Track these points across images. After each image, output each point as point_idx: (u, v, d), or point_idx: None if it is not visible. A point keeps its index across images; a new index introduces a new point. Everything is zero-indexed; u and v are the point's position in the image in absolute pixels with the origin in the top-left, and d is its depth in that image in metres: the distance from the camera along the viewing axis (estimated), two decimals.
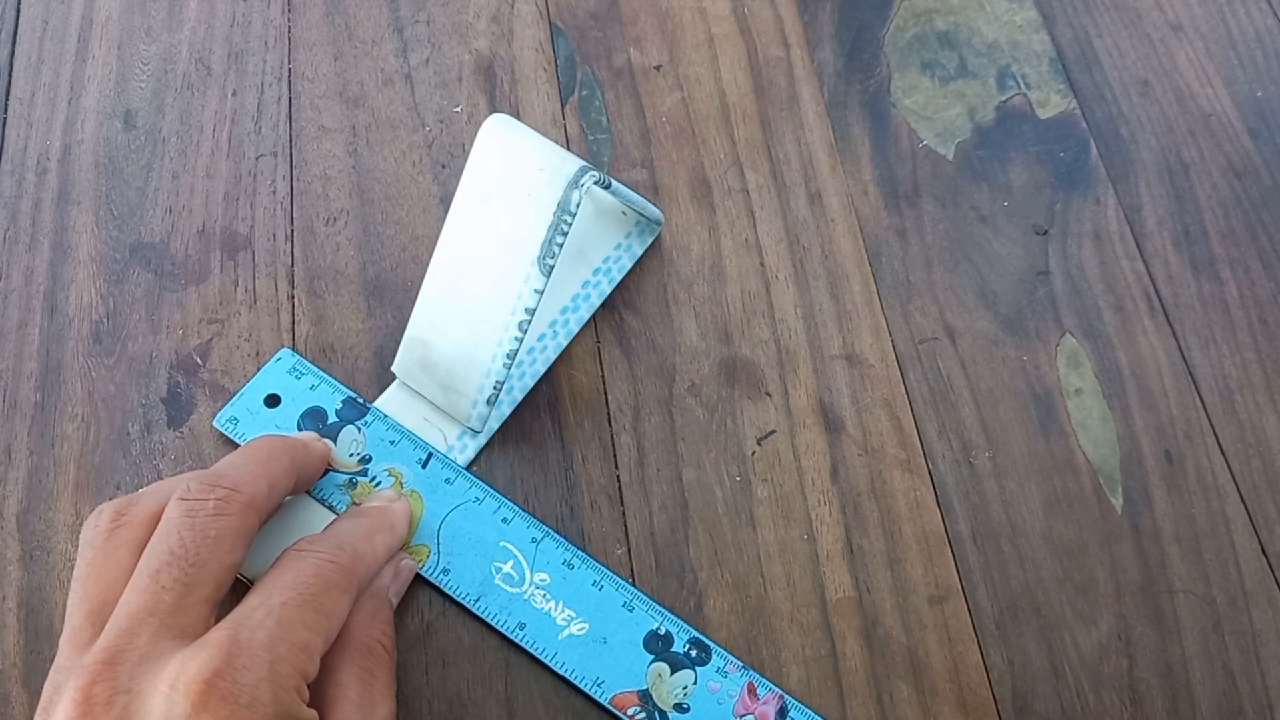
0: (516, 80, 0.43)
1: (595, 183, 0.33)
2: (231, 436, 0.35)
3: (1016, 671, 0.33)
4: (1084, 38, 0.45)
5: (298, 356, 0.36)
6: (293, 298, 0.38)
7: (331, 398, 0.35)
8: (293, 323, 0.38)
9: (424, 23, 0.44)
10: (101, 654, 0.25)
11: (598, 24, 0.45)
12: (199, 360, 0.37)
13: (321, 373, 0.36)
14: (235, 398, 0.35)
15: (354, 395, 0.35)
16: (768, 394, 0.37)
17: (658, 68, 0.44)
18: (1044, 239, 0.40)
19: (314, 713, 0.26)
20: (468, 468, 0.35)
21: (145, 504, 0.29)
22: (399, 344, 0.36)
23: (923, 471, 0.36)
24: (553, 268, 0.32)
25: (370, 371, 0.37)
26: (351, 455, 0.34)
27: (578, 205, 0.32)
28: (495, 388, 0.34)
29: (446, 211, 0.34)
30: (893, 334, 0.38)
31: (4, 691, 0.32)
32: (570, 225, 0.32)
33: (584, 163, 0.32)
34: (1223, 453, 0.36)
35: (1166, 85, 0.44)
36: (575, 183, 0.32)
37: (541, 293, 0.33)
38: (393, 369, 0.36)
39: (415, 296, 0.35)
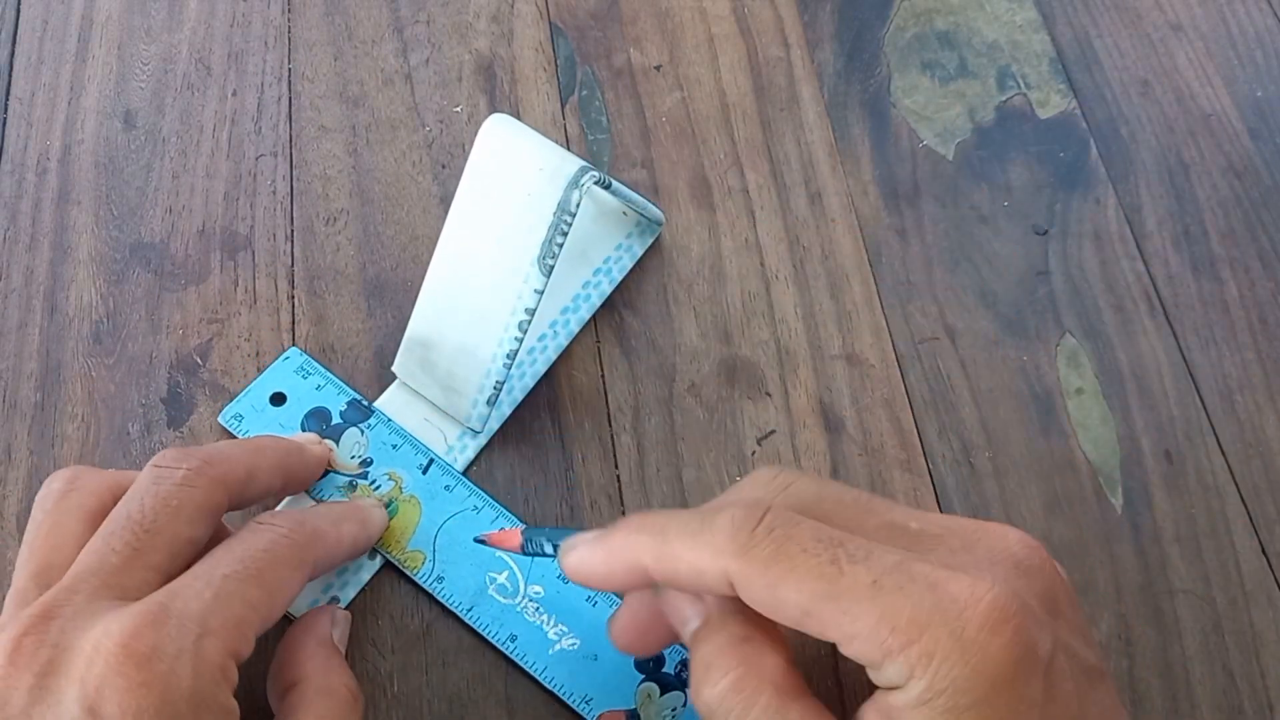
0: (516, 80, 0.43)
1: (595, 183, 0.33)
2: (235, 433, 0.35)
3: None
4: (1084, 38, 0.45)
5: (305, 356, 0.36)
6: (293, 298, 0.38)
7: (337, 399, 0.35)
8: (293, 323, 0.38)
9: (424, 23, 0.44)
10: (39, 608, 0.25)
11: (598, 24, 0.45)
12: (199, 360, 0.37)
13: (328, 373, 0.36)
14: (241, 395, 0.35)
15: (359, 397, 0.35)
16: (768, 394, 0.37)
17: (658, 68, 0.44)
18: (1044, 239, 0.40)
19: (234, 704, 0.25)
20: (468, 468, 0.35)
21: (103, 476, 0.29)
22: (399, 344, 0.36)
23: (923, 471, 0.36)
24: (553, 268, 0.32)
25: (370, 371, 0.37)
26: (353, 457, 0.34)
27: (578, 205, 0.32)
28: (495, 388, 0.34)
29: (446, 211, 0.34)
30: (893, 334, 0.38)
31: None
32: (570, 225, 0.32)
33: (584, 163, 0.32)
34: (1223, 453, 0.36)
35: (1166, 85, 0.44)
36: (575, 183, 0.32)
37: (542, 293, 0.33)
38: (393, 369, 0.36)
39: (415, 296, 0.35)
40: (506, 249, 0.33)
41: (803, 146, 0.42)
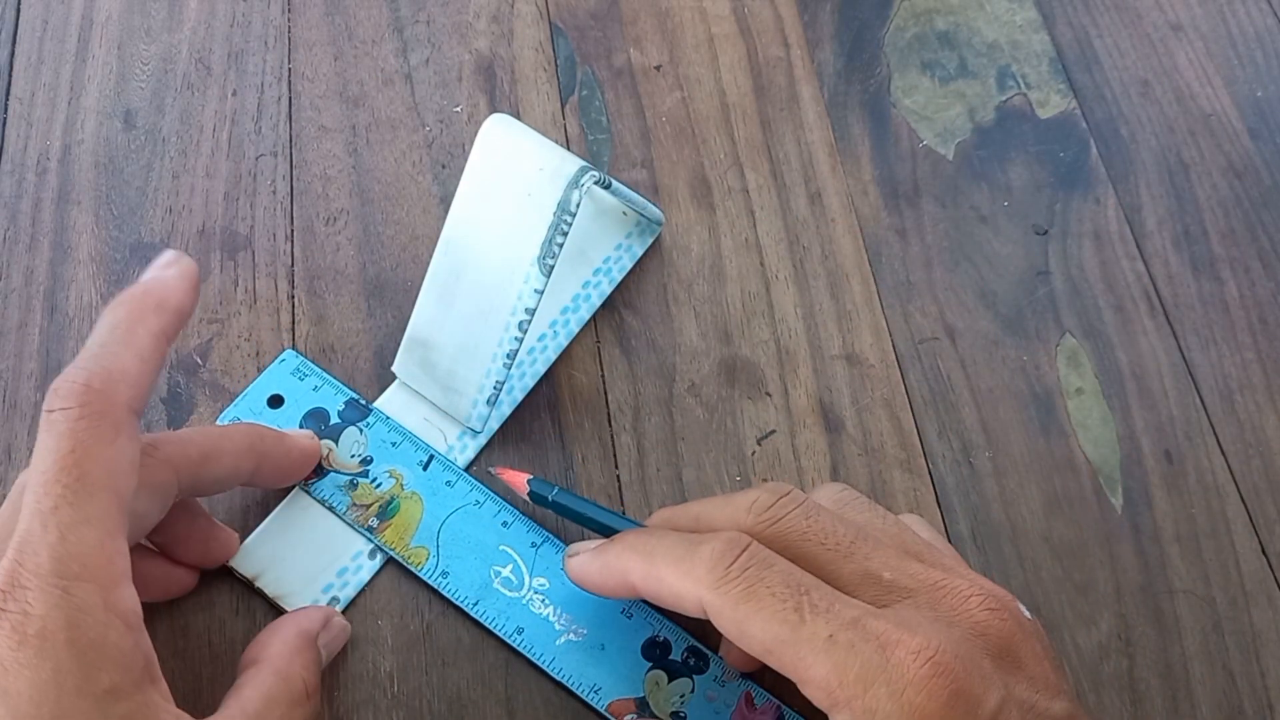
0: (516, 80, 0.43)
1: (595, 183, 0.33)
2: None
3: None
4: (1084, 38, 0.45)
5: (301, 357, 0.36)
6: (293, 298, 0.38)
7: (334, 399, 0.35)
8: (293, 323, 0.38)
9: (424, 23, 0.44)
10: None
11: (598, 24, 0.45)
12: (199, 360, 0.37)
13: (325, 374, 0.36)
14: (239, 399, 0.35)
15: (356, 397, 0.35)
16: (768, 394, 0.37)
17: (658, 68, 0.44)
18: (1044, 239, 0.40)
19: (133, 638, 0.24)
20: (468, 468, 0.35)
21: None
22: (399, 344, 0.36)
23: (923, 471, 0.36)
24: (553, 268, 0.32)
25: (370, 371, 0.37)
26: (353, 457, 0.34)
27: (578, 205, 0.32)
28: (495, 388, 0.34)
29: (446, 211, 0.34)
30: (893, 334, 0.38)
31: None
32: (570, 225, 0.32)
33: (584, 163, 0.32)
34: (1223, 453, 0.36)
35: (1166, 85, 0.44)
36: (575, 183, 0.32)
37: (542, 293, 0.33)
38: (393, 369, 0.36)
39: (415, 296, 0.35)
40: (507, 249, 0.33)
41: (803, 146, 0.42)
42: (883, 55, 0.44)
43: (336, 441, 0.35)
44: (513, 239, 0.33)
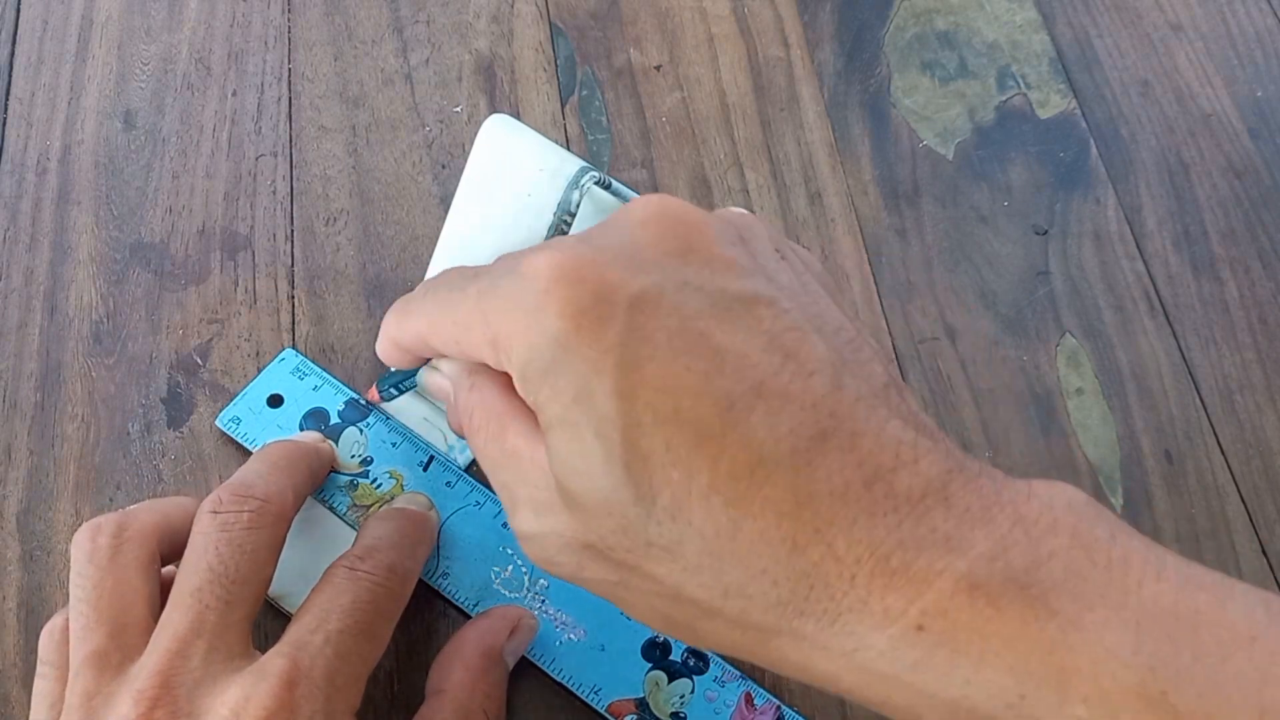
0: (516, 80, 0.43)
1: (595, 183, 0.33)
2: (234, 436, 0.35)
3: None
4: (1084, 38, 0.45)
5: (301, 357, 0.36)
6: (293, 298, 0.38)
7: (334, 399, 0.35)
8: (293, 323, 0.38)
9: (424, 23, 0.44)
10: (155, 677, 0.25)
11: (598, 24, 0.45)
12: (199, 360, 0.37)
13: (325, 373, 0.36)
14: (238, 398, 0.35)
15: (356, 396, 0.35)
16: None
17: (658, 68, 0.44)
18: (1044, 239, 0.40)
19: None
20: (468, 469, 0.35)
21: (144, 519, 0.28)
22: None
23: None
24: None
25: (370, 371, 0.37)
26: (353, 457, 0.34)
27: (578, 205, 0.32)
28: None
29: (446, 211, 0.34)
30: (893, 334, 0.38)
31: (4, 691, 0.32)
32: (570, 225, 0.32)
33: (584, 163, 0.32)
34: (1223, 453, 0.36)
35: (1166, 85, 0.44)
36: (575, 183, 0.32)
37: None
38: (393, 369, 0.36)
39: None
40: (506, 249, 0.33)
41: (803, 146, 0.42)
42: (883, 55, 0.44)
43: (336, 442, 0.35)
44: (512, 239, 0.33)
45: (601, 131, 0.42)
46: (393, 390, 0.32)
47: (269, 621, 0.32)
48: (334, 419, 0.35)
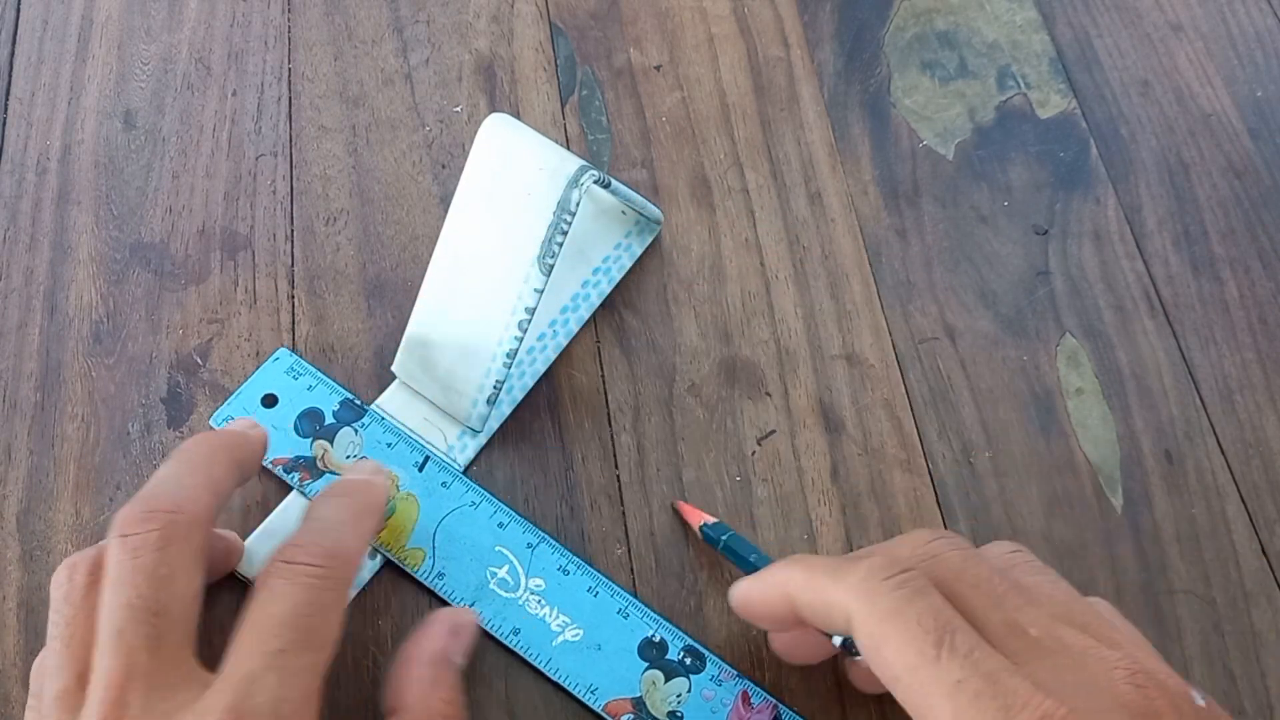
0: (516, 80, 0.43)
1: (595, 182, 0.33)
2: None
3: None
4: (1084, 38, 0.45)
5: (295, 356, 0.36)
6: (293, 298, 0.38)
7: (329, 399, 0.35)
8: (293, 323, 0.38)
9: (424, 23, 0.44)
10: None
11: (598, 24, 0.45)
12: (199, 360, 0.37)
13: (319, 373, 0.36)
14: (232, 398, 0.35)
15: (351, 396, 0.35)
16: (768, 394, 0.37)
17: (658, 68, 0.44)
18: (1044, 239, 0.40)
19: None
20: (468, 467, 0.35)
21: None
22: (399, 344, 0.36)
23: (923, 471, 0.36)
24: (552, 267, 0.32)
25: (370, 371, 0.37)
26: (348, 457, 0.34)
27: (578, 204, 0.32)
28: (495, 387, 0.34)
29: (446, 211, 0.34)
30: (893, 334, 0.38)
31: (4, 691, 0.32)
32: (570, 224, 0.32)
33: (584, 162, 0.32)
34: (1223, 453, 0.36)
35: (1166, 85, 0.44)
36: (575, 182, 0.32)
37: (541, 292, 0.33)
38: (392, 369, 0.36)
39: (415, 296, 0.35)
40: (506, 248, 0.33)
41: (803, 146, 0.42)
42: (883, 55, 0.44)
43: (331, 442, 0.35)
44: (512, 238, 0.33)
45: (601, 131, 0.42)
46: (720, 545, 0.33)
47: None
48: (329, 419, 0.35)
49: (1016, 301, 0.39)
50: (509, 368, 0.34)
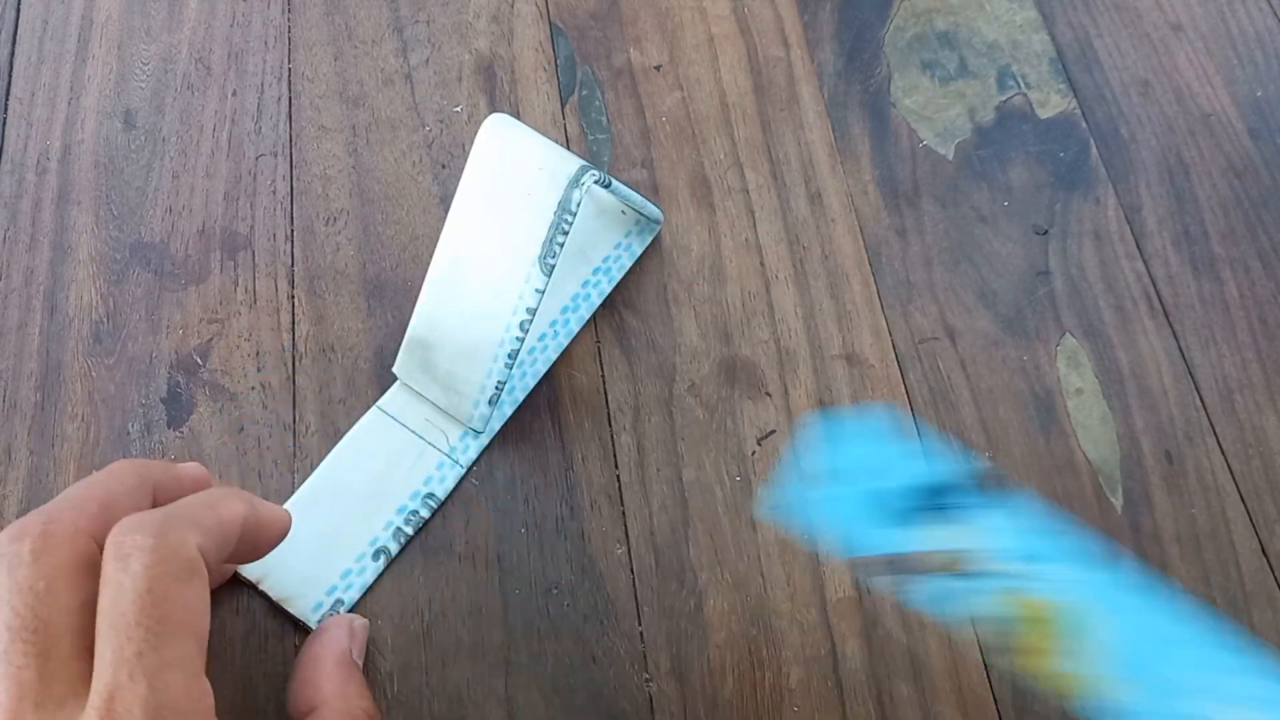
0: (516, 80, 0.43)
1: (595, 182, 0.33)
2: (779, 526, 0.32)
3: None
4: (1084, 38, 0.45)
5: (891, 413, 0.27)
6: (293, 298, 0.38)
7: (935, 470, 0.27)
8: (293, 323, 0.38)
9: (424, 23, 0.44)
10: None
11: (598, 24, 0.45)
12: (199, 360, 0.37)
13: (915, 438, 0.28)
14: (793, 475, 0.30)
15: (970, 469, 0.27)
16: (768, 394, 0.37)
17: (658, 68, 0.44)
18: (1044, 239, 0.40)
19: None
20: (470, 467, 0.35)
21: (67, 516, 0.26)
22: (399, 344, 0.36)
23: None
24: (554, 267, 0.32)
25: (370, 372, 0.37)
26: (998, 550, 0.26)
27: (578, 205, 0.32)
28: (497, 388, 0.34)
29: (447, 211, 0.34)
30: (893, 334, 0.38)
31: None
32: (571, 224, 0.32)
33: (584, 162, 0.32)
34: (1223, 453, 0.36)
35: (1166, 85, 0.44)
36: (576, 182, 0.32)
37: (543, 292, 0.33)
38: (394, 370, 0.36)
39: (416, 297, 0.35)
40: (507, 248, 0.33)
41: (803, 146, 0.42)
42: (883, 55, 0.44)
43: (966, 528, 0.25)
44: (513, 238, 0.33)
45: (601, 131, 0.42)
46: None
47: (265, 617, 0.32)
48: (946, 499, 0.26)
49: (1016, 301, 0.39)
50: (510, 368, 0.34)
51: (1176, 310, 0.39)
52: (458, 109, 0.42)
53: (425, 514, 0.34)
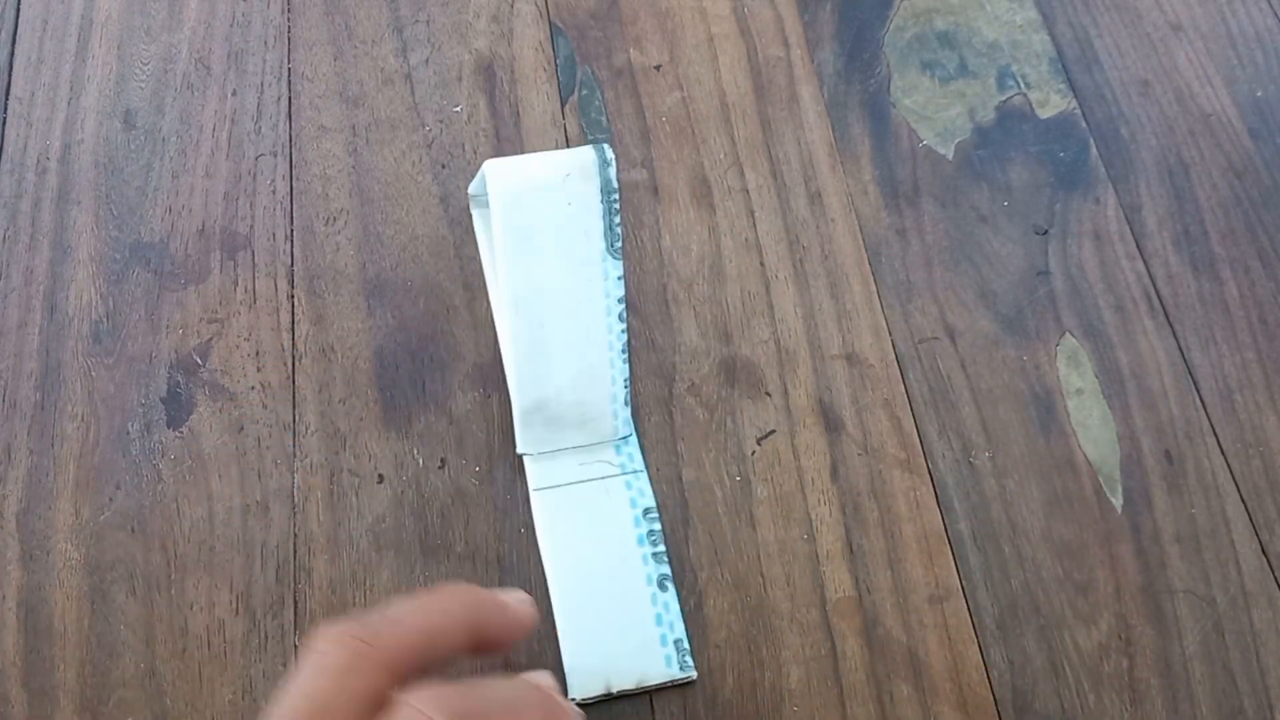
0: (516, 80, 0.43)
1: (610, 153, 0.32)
2: None
3: (1016, 671, 0.33)
4: (1084, 38, 0.45)
5: None
6: (293, 297, 0.38)
7: None
8: (292, 322, 0.38)
9: (424, 22, 0.44)
10: None
11: (598, 24, 0.45)
12: (199, 360, 0.37)
13: None
14: None
15: None
16: (768, 394, 0.37)
17: (658, 68, 0.44)
18: (1044, 239, 0.40)
19: None
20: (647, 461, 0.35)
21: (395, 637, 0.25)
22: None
23: (923, 471, 0.36)
24: (621, 247, 0.32)
25: (370, 372, 0.37)
26: None
27: (617, 179, 0.32)
28: (625, 385, 0.34)
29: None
30: (893, 334, 0.38)
31: (4, 691, 0.32)
32: (619, 201, 0.32)
33: (595, 145, 0.32)
34: (1223, 453, 0.36)
35: (1166, 85, 0.44)
36: (604, 160, 0.32)
37: (623, 277, 0.32)
38: (519, 451, 0.35)
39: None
40: (574, 261, 0.32)
41: (803, 146, 0.42)
42: (883, 55, 0.44)
43: None
44: (576, 249, 0.32)
45: (601, 131, 0.42)
46: None
47: (265, 617, 0.32)
48: None
49: (1016, 301, 0.39)
50: (627, 360, 0.34)
51: (1176, 310, 0.39)
52: (458, 109, 0.42)
53: (657, 525, 0.34)
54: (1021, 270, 0.40)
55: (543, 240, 0.32)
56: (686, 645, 0.32)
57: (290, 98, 0.42)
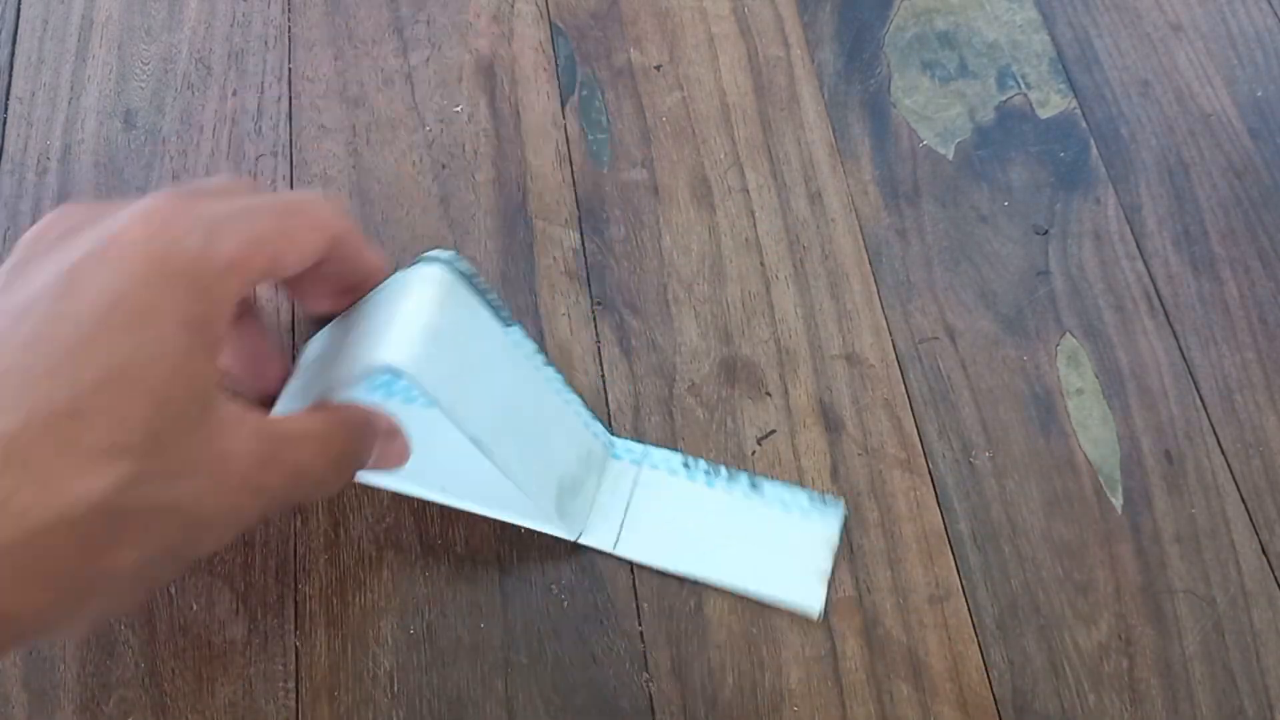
0: (516, 80, 0.43)
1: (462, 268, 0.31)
2: None
3: (1016, 671, 0.33)
4: (1084, 38, 0.45)
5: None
6: (292, 298, 0.38)
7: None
8: (293, 322, 0.38)
9: (424, 22, 0.44)
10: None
11: (598, 24, 0.45)
12: None
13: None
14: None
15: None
16: (768, 394, 0.37)
17: (658, 68, 0.44)
18: (1044, 239, 0.40)
19: (224, 325, 0.25)
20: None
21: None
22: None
23: (923, 471, 0.36)
24: (509, 314, 0.31)
25: None
26: None
27: (466, 271, 0.30)
28: (583, 405, 0.34)
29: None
30: (893, 334, 0.38)
31: (4, 691, 0.32)
32: (483, 283, 0.30)
33: (425, 260, 0.30)
34: (1223, 453, 0.36)
35: (1166, 85, 0.44)
36: (447, 263, 0.30)
37: (525, 332, 0.32)
38: (575, 540, 0.34)
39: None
40: (492, 360, 0.31)
41: (803, 146, 0.42)
42: (883, 55, 0.44)
43: None
44: (486, 348, 0.31)
45: (601, 131, 0.42)
46: None
47: (265, 617, 0.32)
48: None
49: (1016, 301, 0.39)
50: (570, 388, 0.34)
51: (1176, 310, 0.39)
52: (458, 109, 0.42)
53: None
54: (1021, 270, 0.40)
55: (463, 369, 0.30)
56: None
57: (290, 98, 0.42)
